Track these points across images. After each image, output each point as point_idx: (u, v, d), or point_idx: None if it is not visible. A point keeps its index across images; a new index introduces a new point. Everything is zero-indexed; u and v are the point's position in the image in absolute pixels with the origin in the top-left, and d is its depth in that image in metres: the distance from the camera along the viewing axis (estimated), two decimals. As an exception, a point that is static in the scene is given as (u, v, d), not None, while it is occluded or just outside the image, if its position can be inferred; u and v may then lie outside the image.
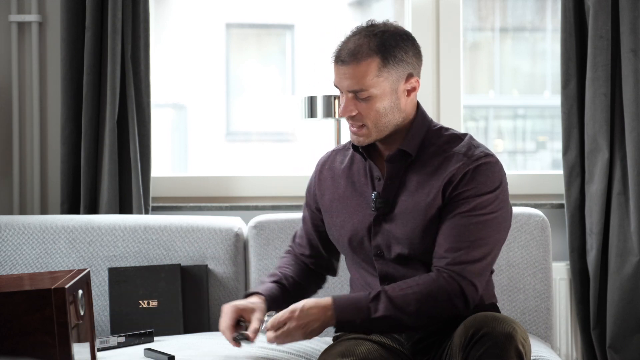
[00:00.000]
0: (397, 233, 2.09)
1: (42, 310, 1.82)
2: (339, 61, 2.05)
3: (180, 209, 3.15)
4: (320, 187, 2.26)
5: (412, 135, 2.10)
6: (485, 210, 2.04)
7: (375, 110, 2.05)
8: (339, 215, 2.19)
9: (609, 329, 3.04)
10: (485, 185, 2.04)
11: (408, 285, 2.02)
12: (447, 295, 2.00)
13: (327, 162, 2.28)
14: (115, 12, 2.99)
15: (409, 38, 2.07)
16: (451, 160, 2.07)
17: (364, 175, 2.17)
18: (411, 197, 2.08)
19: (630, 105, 3.01)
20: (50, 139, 3.17)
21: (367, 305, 2.00)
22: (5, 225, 2.77)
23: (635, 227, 3.00)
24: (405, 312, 1.99)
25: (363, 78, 2.02)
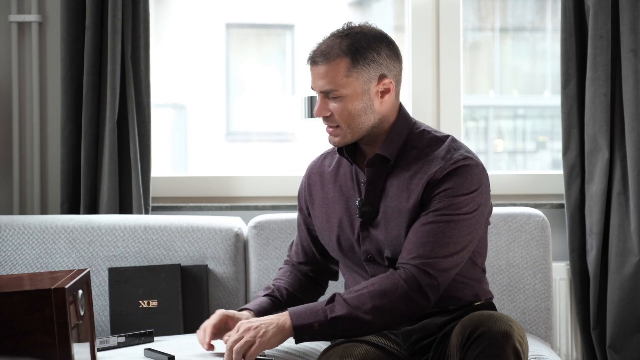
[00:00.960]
0: (382, 238, 2.11)
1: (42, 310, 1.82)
2: (312, 62, 2.09)
3: (180, 209, 3.15)
4: (310, 192, 2.27)
5: (390, 139, 2.11)
6: (459, 211, 2.04)
7: (347, 110, 2.06)
8: (329, 221, 2.21)
9: (609, 329, 3.04)
10: (462, 186, 2.05)
11: (363, 285, 2.03)
12: (403, 291, 2.00)
13: (315, 167, 2.30)
14: (115, 12, 2.99)
15: (383, 40, 2.08)
16: (431, 163, 2.08)
17: (350, 179, 2.18)
18: (392, 202, 2.10)
19: (630, 105, 3.01)
20: (50, 139, 3.17)
21: (322, 307, 2.01)
22: (5, 225, 2.77)
23: (635, 227, 3.00)
24: (362, 310, 1.99)
25: (333, 78, 2.05)
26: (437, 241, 2.02)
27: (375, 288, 2.01)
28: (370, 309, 2.00)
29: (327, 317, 2.00)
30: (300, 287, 2.34)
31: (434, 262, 2.01)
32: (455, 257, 2.03)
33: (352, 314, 1.99)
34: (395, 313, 2.01)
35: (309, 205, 2.28)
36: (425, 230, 2.03)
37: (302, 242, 2.34)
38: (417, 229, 2.04)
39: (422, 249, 2.02)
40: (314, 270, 2.34)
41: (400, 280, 2.01)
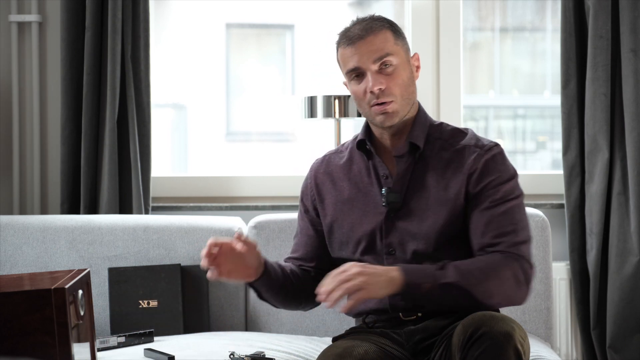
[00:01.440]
0: (413, 229, 2.09)
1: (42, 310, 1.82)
2: (354, 41, 2.09)
3: (180, 209, 3.15)
4: (319, 193, 2.24)
5: (418, 128, 2.14)
6: (512, 195, 2.09)
7: (400, 80, 2.09)
8: (347, 219, 2.17)
9: (609, 329, 3.04)
10: (506, 172, 2.11)
11: (472, 260, 2.03)
12: (512, 271, 2.01)
13: (321, 167, 2.26)
14: (115, 12, 2.99)
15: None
16: (464, 153, 2.11)
17: (366, 175, 2.17)
18: (428, 193, 2.10)
19: (630, 105, 3.01)
20: (50, 139, 3.17)
21: (433, 271, 1.98)
22: (5, 225, 2.77)
23: (635, 227, 3.00)
24: (472, 283, 1.98)
25: (385, 44, 2.08)
26: (514, 229, 2.06)
27: (488, 266, 2.01)
28: (480, 282, 1.99)
29: (438, 282, 1.97)
30: (303, 276, 2.25)
31: (524, 248, 2.06)
32: (530, 239, 2.10)
33: (463, 285, 1.98)
34: (500, 293, 2.02)
35: (317, 206, 2.24)
36: (497, 221, 2.06)
37: (307, 243, 2.28)
38: (487, 222, 2.06)
39: (506, 238, 2.05)
40: (317, 269, 2.27)
41: (509, 262, 2.03)
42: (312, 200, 2.26)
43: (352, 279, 1.91)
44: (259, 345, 2.44)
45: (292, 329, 2.78)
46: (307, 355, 2.43)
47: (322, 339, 2.65)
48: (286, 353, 2.40)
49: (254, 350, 2.34)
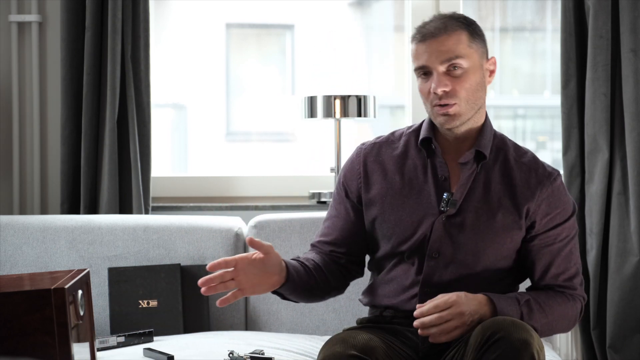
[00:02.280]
0: (464, 240, 2.07)
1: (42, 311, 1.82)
2: (426, 38, 2.06)
3: (180, 209, 3.15)
4: (368, 180, 2.16)
5: (485, 136, 2.11)
6: (574, 233, 2.13)
7: (468, 84, 2.05)
8: (394, 212, 2.12)
9: (609, 329, 3.04)
10: (568, 205, 2.12)
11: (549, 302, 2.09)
12: (575, 312, 2.13)
13: (370, 155, 2.18)
14: (115, 12, 2.99)
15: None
16: (529, 177, 2.10)
17: (422, 172, 2.12)
18: (487, 207, 2.07)
19: (630, 105, 3.01)
20: (50, 139, 3.17)
21: (520, 312, 2.03)
22: (5, 225, 2.77)
23: (635, 227, 3.00)
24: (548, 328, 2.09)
25: (456, 46, 2.04)
26: (574, 267, 2.13)
27: (562, 313, 2.10)
28: (553, 329, 2.10)
29: (523, 320, 2.01)
30: (327, 267, 2.17)
31: (581, 285, 2.15)
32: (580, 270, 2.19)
33: (539, 329, 2.05)
34: (561, 331, 2.15)
35: (362, 193, 2.17)
36: (562, 259, 2.11)
37: (343, 228, 2.18)
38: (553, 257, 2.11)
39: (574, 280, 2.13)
40: (348, 255, 2.19)
41: (578, 306, 2.13)
42: (358, 185, 2.18)
43: (453, 318, 1.95)
44: (258, 344, 2.44)
45: (292, 328, 2.78)
46: (307, 353, 2.44)
47: (322, 338, 2.65)
48: (286, 352, 2.40)
49: (253, 349, 2.35)
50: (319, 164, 3.41)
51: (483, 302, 2.00)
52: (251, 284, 1.97)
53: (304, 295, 2.12)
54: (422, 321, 1.94)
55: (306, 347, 2.50)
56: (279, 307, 2.78)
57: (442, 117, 2.06)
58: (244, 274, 1.96)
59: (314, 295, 2.16)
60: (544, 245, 2.10)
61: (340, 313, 2.76)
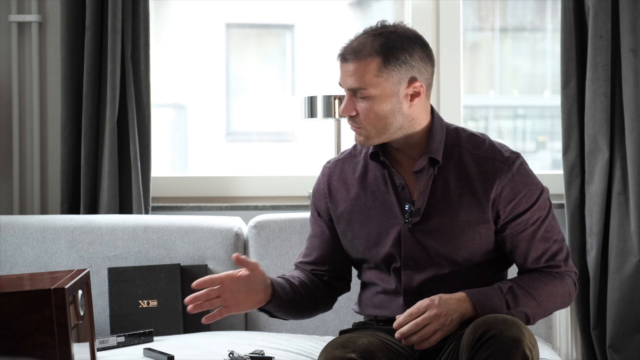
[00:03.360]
0: (433, 245, 2.07)
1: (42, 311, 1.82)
2: (342, 58, 2.05)
3: (180, 209, 3.15)
4: (333, 199, 2.20)
5: (434, 140, 2.08)
6: (545, 212, 2.10)
7: (374, 112, 2.02)
8: (362, 227, 2.14)
9: (609, 329, 3.04)
10: (534, 186, 2.09)
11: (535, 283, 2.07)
12: (567, 288, 2.11)
13: (334, 173, 2.22)
14: (115, 12, 2.99)
15: (417, 41, 2.05)
16: (487, 168, 2.07)
17: (383, 183, 2.13)
18: (449, 208, 2.07)
19: (630, 105, 3.01)
20: (50, 139, 3.17)
21: (504, 301, 2.02)
22: (5, 225, 2.77)
23: (635, 227, 3.00)
24: (539, 312, 2.07)
25: (362, 77, 2.01)
26: (556, 243, 2.11)
27: (550, 292, 2.08)
28: (546, 310, 2.09)
29: (510, 310, 2.02)
30: (315, 287, 2.22)
31: (568, 259, 2.14)
32: (565, 241, 2.16)
33: (530, 315, 2.05)
34: (559, 309, 2.14)
35: (332, 213, 2.20)
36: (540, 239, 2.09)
37: (321, 247, 2.24)
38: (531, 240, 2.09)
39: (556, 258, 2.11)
40: (331, 272, 2.24)
41: (568, 281, 2.12)
42: (326, 204, 2.22)
43: (430, 322, 1.96)
44: (258, 344, 2.44)
45: (292, 329, 2.78)
46: (307, 354, 2.43)
47: (322, 338, 2.65)
48: (286, 352, 2.40)
49: (253, 349, 2.34)
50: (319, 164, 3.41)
51: (462, 299, 2.00)
52: (237, 301, 2.02)
53: (291, 311, 2.16)
54: (401, 332, 1.97)
55: (306, 347, 2.50)
56: (279, 308, 2.78)
57: (355, 135, 2.09)
58: (230, 292, 2.01)
59: (302, 311, 2.19)
60: (516, 232, 2.08)
61: (340, 313, 2.76)
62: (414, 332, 1.96)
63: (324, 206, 2.22)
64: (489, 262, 2.12)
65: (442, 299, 1.99)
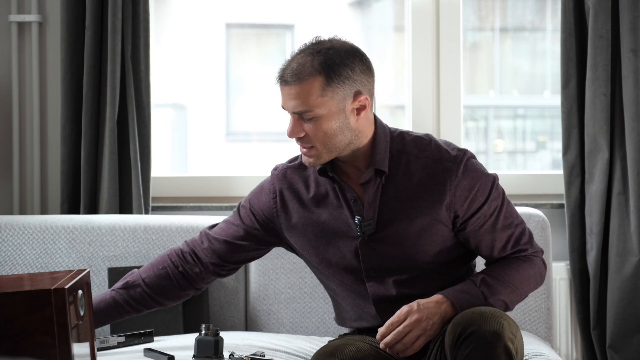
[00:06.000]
0: (392, 253, 2.07)
1: (42, 311, 1.82)
2: (282, 81, 2.01)
3: (180, 209, 3.15)
4: (286, 211, 2.17)
5: (379, 151, 2.06)
6: (499, 200, 2.10)
7: (322, 131, 1.99)
8: (319, 242, 2.13)
9: (609, 329, 3.04)
10: (484, 178, 2.08)
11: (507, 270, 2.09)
12: (537, 269, 2.13)
13: (284, 183, 2.18)
14: (115, 12, 2.99)
15: (356, 55, 2.01)
16: (435, 169, 2.05)
17: (335, 197, 2.11)
18: (402, 215, 2.06)
19: (630, 105, 3.01)
20: (50, 139, 3.17)
21: (482, 294, 2.03)
22: (5, 225, 2.77)
23: (635, 227, 3.00)
24: (515, 298, 2.09)
25: (307, 98, 1.97)
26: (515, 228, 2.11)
27: (523, 273, 2.10)
28: (521, 295, 2.10)
29: (487, 300, 2.03)
30: (163, 287, 2.24)
31: (531, 241, 2.15)
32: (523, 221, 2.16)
33: (508, 302, 2.07)
34: (532, 290, 2.15)
35: (283, 225, 2.18)
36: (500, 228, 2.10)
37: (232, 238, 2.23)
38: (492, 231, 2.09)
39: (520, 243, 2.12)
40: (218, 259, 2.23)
41: (537, 261, 2.13)
42: (274, 214, 2.18)
43: (412, 329, 1.97)
44: (258, 345, 2.44)
45: (291, 329, 2.78)
46: (307, 355, 2.43)
47: (322, 339, 2.65)
48: (286, 353, 2.40)
49: (254, 350, 2.34)
50: (319, 164, 3.41)
51: (440, 300, 2.01)
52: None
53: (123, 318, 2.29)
54: (385, 342, 1.99)
55: (306, 349, 2.50)
56: (279, 308, 2.78)
57: (304, 156, 2.06)
58: None
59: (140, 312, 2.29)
60: (477, 227, 2.08)
61: (340, 313, 2.76)
62: (398, 340, 1.98)
63: (270, 211, 2.19)
64: (452, 261, 2.13)
65: (420, 304, 2.00)
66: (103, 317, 2.22)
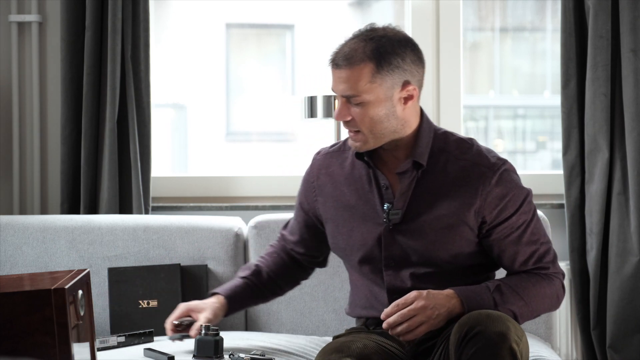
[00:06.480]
0: (414, 245, 2.08)
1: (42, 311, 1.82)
2: (334, 64, 2.04)
3: (180, 209, 3.15)
4: (322, 194, 2.22)
5: (421, 144, 2.08)
6: (530, 215, 2.10)
7: (369, 116, 2.02)
8: (346, 224, 2.16)
9: (609, 329, 3.04)
10: (518, 191, 2.09)
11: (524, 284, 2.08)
12: (554, 290, 2.12)
13: (323, 167, 2.24)
14: (115, 12, 2.99)
15: (407, 45, 2.04)
16: (472, 173, 2.07)
17: (367, 182, 2.14)
18: (430, 210, 2.07)
19: (630, 105, 3.01)
20: (50, 139, 3.17)
21: (493, 300, 2.03)
22: (5, 225, 2.77)
23: (635, 227, 3.00)
24: (527, 312, 2.08)
25: (356, 83, 2.01)
26: (541, 245, 2.11)
27: (539, 293, 2.09)
28: (534, 311, 2.09)
29: (497, 307, 2.02)
30: (283, 273, 2.35)
31: (555, 261, 2.14)
32: (550, 242, 2.16)
33: (518, 314, 2.06)
34: (546, 311, 2.15)
35: (319, 206, 2.23)
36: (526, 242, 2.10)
37: (302, 234, 2.32)
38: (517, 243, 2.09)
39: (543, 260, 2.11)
40: (306, 256, 2.34)
41: (556, 283, 2.12)
42: (314, 199, 2.25)
43: (416, 314, 1.97)
44: (258, 345, 2.44)
45: (292, 329, 2.78)
46: (307, 354, 2.43)
47: (322, 339, 2.65)
48: (286, 353, 2.40)
49: (254, 350, 2.34)
50: (319, 164, 3.41)
51: (451, 295, 2.02)
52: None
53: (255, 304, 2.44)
54: (388, 322, 1.99)
55: (306, 348, 2.49)
56: (279, 308, 2.78)
57: (350, 140, 2.10)
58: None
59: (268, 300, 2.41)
60: (503, 237, 2.08)
61: (340, 313, 2.76)
62: (401, 322, 1.98)
63: (311, 198, 2.25)
64: (472, 266, 2.13)
65: (430, 293, 2.00)
66: (241, 302, 2.33)
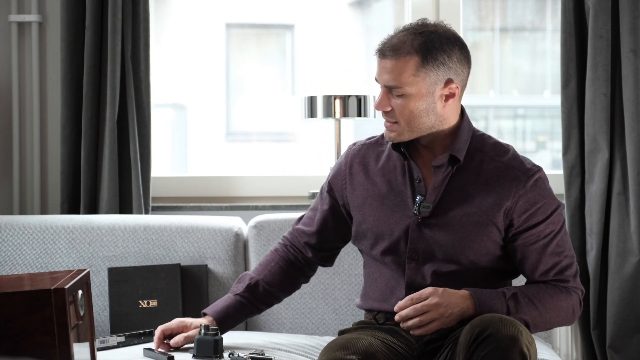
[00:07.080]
0: (441, 240, 2.08)
1: (42, 311, 1.82)
2: (380, 54, 2.06)
3: (180, 209, 3.15)
4: (352, 182, 2.22)
5: (459, 140, 2.10)
6: (558, 226, 2.10)
7: (409, 109, 2.04)
8: (374, 213, 2.16)
9: (609, 329, 3.04)
10: (550, 200, 2.09)
11: (539, 293, 2.07)
12: (572, 304, 2.11)
13: (357, 157, 2.23)
14: (115, 12, 2.99)
15: (455, 43, 2.07)
16: (506, 174, 2.08)
17: (401, 174, 2.15)
18: (461, 207, 2.08)
19: (630, 105, 3.01)
20: (50, 139, 3.17)
21: (507, 305, 2.03)
22: (5, 225, 2.77)
23: (635, 227, 3.00)
24: (540, 321, 2.07)
25: (400, 75, 2.03)
26: (565, 257, 2.10)
27: (555, 305, 2.08)
28: (548, 322, 2.09)
29: (511, 314, 2.02)
30: (280, 283, 2.33)
31: (576, 276, 2.13)
32: (574, 258, 2.15)
33: (531, 323, 2.05)
34: (560, 324, 2.13)
35: (347, 195, 2.23)
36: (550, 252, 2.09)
37: (324, 224, 2.29)
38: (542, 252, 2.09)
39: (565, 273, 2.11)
40: (317, 250, 2.32)
41: (574, 297, 2.11)
42: (342, 187, 2.24)
43: (429, 310, 1.97)
44: (258, 344, 2.44)
45: (291, 329, 2.78)
46: (307, 354, 2.43)
47: (322, 338, 2.65)
48: (286, 352, 2.40)
49: (254, 350, 2.34)
50: (318, 164, 3.42)
51: (465, 296, 2.02)
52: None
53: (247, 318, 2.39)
54: (401, 314, 1.99)
55: (306, 348, 2.49)
56: (279, 308, 2.78)
57: (385, 130, 2.11)
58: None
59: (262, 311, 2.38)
60: (528, 243, 2.09)
61: (340, 313, 2.76)
62: (413, 316, 1.98)
63: (340, 186, 2.25)
64: (493, 270, 2.13)
65: (446, 291, 2.00)
66: (233, 321, 2.31)
